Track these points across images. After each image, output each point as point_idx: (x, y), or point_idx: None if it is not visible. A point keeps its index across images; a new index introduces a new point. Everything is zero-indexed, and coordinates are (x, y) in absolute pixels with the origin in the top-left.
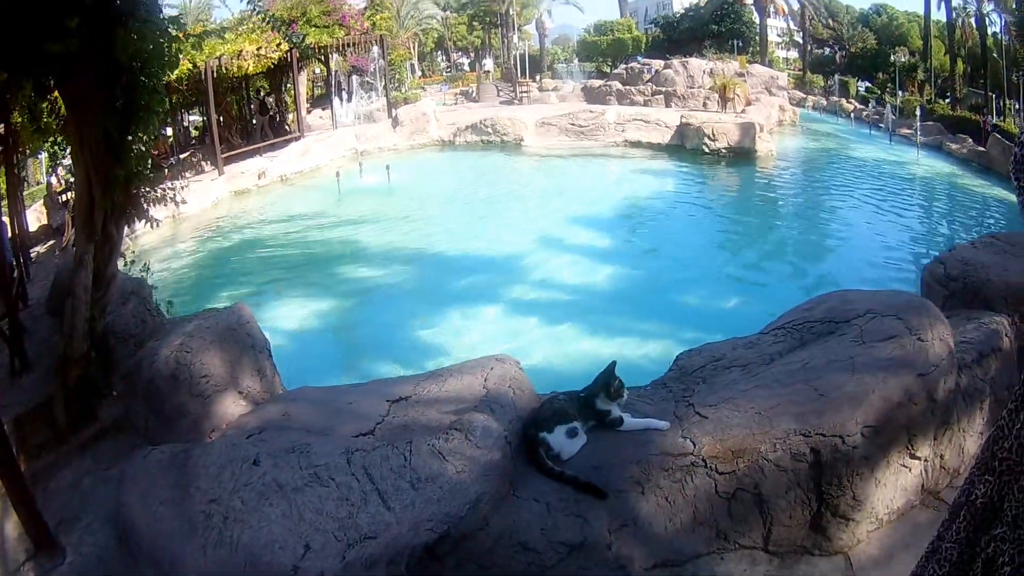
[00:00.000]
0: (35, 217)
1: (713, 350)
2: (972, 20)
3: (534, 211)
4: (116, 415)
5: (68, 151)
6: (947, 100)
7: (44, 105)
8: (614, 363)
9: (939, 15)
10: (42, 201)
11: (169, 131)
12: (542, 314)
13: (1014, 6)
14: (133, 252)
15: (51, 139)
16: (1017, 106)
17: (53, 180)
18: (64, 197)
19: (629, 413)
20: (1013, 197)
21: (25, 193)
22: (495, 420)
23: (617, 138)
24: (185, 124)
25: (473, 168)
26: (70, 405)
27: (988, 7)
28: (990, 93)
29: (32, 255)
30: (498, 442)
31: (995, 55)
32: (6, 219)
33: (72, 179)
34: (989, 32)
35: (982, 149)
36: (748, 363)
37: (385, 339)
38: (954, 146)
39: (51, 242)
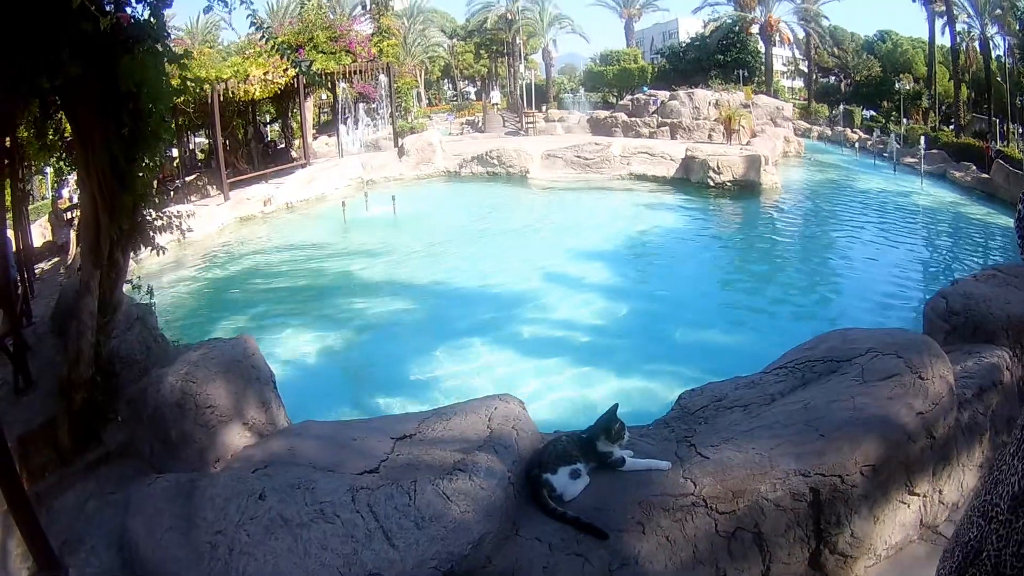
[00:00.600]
0: (39, 233)
1: (715, 390)
2: (976, 44)
3: (538, 245)
4: (120, 440)
5: (74, 171)
6: (951, 127)
7: (50, 123)
8: (616, 406)
9: (944, 40)
10: (47, 217)
11: (175, 152)
12: (545, 351)
13: (1018, 28)
14: (137, 276)
15: (56, 156)
16: (1021, 130)
17: (65, 192)
18: (69, 214)
19: (631, 453)
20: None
21: (29, 208)
22: (498, 460)
23: (622, 171)
24: (191, 146)
25: (479, 201)
26: (74, 428)
27: (992, 30)
28: (994, 118)
29: (36, 271)
30: (501, 483)
31: (999, 79)
32: (11, 234)
33: (78, 196)
34: (993, 56)
35: (986, 176)
36: (749, 403)
37: (389, 373)
38: (958, 174)
39: (56, 259)
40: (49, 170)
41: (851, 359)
